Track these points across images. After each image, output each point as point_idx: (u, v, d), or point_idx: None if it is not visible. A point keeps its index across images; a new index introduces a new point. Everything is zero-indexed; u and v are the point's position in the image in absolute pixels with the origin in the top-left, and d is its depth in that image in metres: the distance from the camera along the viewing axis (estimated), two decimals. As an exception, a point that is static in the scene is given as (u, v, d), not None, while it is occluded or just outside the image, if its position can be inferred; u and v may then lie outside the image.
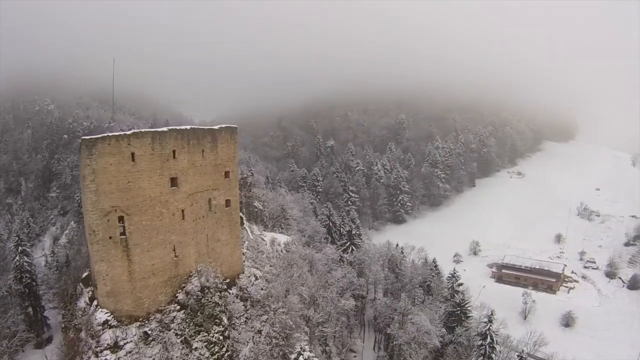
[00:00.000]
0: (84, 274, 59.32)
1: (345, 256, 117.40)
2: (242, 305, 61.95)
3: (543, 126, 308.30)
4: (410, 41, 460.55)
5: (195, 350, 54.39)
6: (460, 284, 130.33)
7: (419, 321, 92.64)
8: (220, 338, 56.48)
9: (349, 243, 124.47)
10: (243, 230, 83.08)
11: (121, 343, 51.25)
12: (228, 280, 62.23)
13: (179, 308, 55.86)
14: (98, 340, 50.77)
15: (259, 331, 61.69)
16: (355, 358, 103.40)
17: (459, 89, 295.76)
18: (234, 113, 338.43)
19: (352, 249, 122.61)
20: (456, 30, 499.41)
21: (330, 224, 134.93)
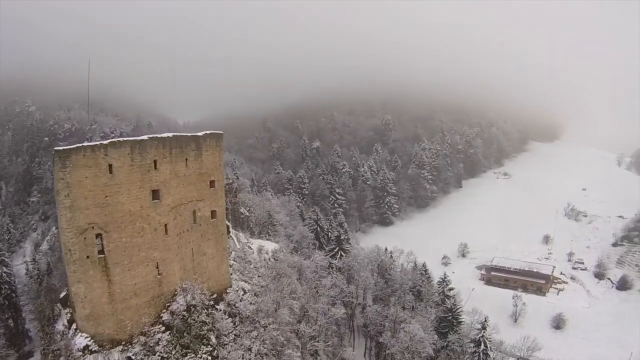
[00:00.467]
0: (62, 294, 55.24)
1: (334, 262, 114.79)
2: (231, 321, 58.62)
3: (529, 126, 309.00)
4: (395, 41, 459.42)
5: (182, 374, 50.89)
6: (450, 289, 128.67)
7: (412, 330, 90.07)
8: (209, 359, 53.06)
9: (337, 248, 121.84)
10: (229, 239, 79.81)
11: (103, 370, 47.62)
12: (215, 296, 58.79)
13: (164, 329, 52.13)
14: (79, 367, 47.07)
15: (249, 349, 58.45)
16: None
17: (445, 90, 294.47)
18: (218, 114, 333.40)
19: (341, 255, 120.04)
20: (441, 30, 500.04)
21: (318, 229, 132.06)
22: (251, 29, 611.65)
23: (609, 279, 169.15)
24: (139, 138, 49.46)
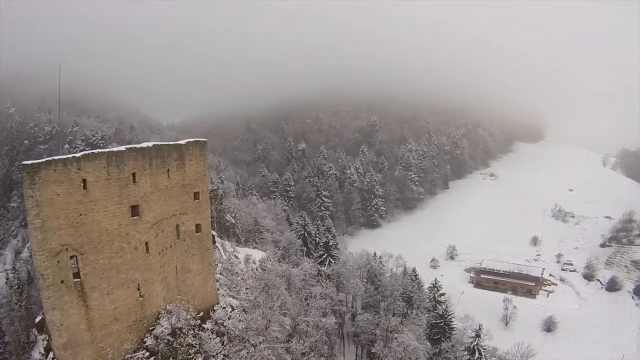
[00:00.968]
0: (38, 318, 50.86)
1: (323, 269, 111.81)
2: (219, 341, 55.00)
3: (514, 127, 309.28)
4: (379, 42, 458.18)
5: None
6: (442, 294, 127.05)
7: (405, 340, 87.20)
8: (197, 383, 49.53)
9: (326, 255, 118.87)
10: (215, 249, 76.12)
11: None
12: (202, 314, 54.99)
13: (147, 355, 47.97)
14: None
15: (239, 369, 55.00)
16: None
17: (430, 90, 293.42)
18: (202, 114, 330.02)
19: (330, 261, 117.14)
20: (426, 31, 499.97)
21: (305, 234, 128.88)
22: (235, 29, 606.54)
23: (599, 280, 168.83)
24: (115, 149, 45.46)
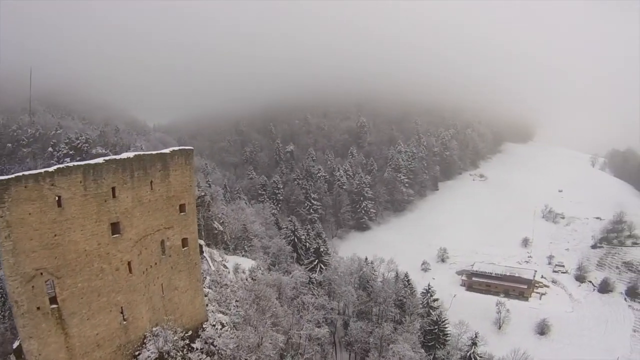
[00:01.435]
0: (16, 343, 46.91)
1: (314, 276, 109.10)
2: (209, 361, 51.93)
3: (502, 127, 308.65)
4: (367, 43, 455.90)
5: None
6: (435, 300, 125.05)
7: (401, 350, 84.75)
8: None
9: (317, 261, 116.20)
10: (203, 261, 72.89)
11: None
12: (190, 333, 51.64)
13: (134, 382, 44.86)
14: None
15: (230, 391, 51.93)
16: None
17: (419, 90, 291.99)
18: (189, 116, 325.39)
19: (321, 268, 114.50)
20: (414, 32, 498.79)
21: (295, 240, 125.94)
22: (223, 29, 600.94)
23: (590, 282, 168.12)
24: (92, 162, 41.65)
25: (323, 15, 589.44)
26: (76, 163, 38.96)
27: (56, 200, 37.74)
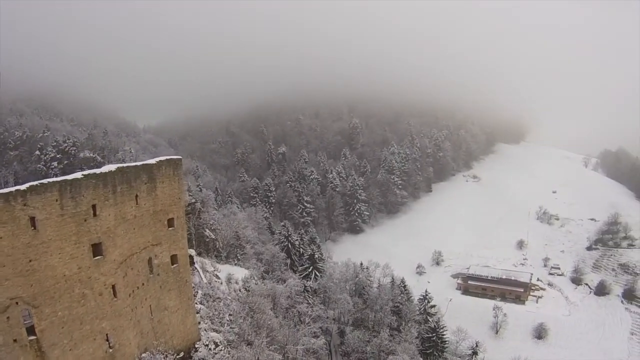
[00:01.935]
0: None
1: (308, 284, 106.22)
2: (202, 384, 48.82)
3: (495, 128, 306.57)
4: (360, 43, 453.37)
5: None
6: (432, 306, 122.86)
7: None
8: None
9: (311, 268, 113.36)
10: (194, 273, 69.73)
11: None
12: (182, 354, 48.45)
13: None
14: None
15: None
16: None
17: (412, 90, 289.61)
18: (180, 117, 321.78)
19: (316, 275, 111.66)
20: (406, 33, 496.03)
21: (289, 246, 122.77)
22: (213, 30, 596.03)
23: (587, 284, 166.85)
24: (69, 177, 37.73)
25: (314, 16, 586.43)
26: (51, 180, 35.19)
27: (30, 221, 34.20)
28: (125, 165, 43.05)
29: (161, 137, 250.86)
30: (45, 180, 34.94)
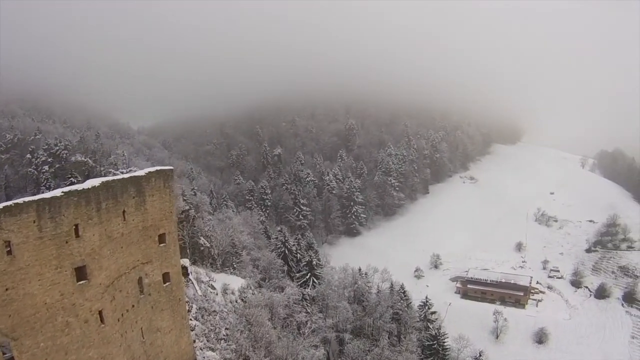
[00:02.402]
0: None
1: (306, 291, 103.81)
2: (197, 406, 46.33)
3: (491, 128, 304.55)
4: (356, 43, 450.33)
5: None
6: (432, 312, 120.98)
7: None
8: None
9: (309, 275, 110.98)
10: (189, 284, 67.15)
11: None
12: (176, 377, 46.05)
13: None
14: None
15: None
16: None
17: (408, 90, 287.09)
18: (174, 118, 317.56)
19: (313, 282, 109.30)
20: (401, 34, 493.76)
21: (286, 251, 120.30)
22: (208, 29, 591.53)
23: (587, 287, 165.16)
24: (48, 195, 34.51)
25: (311, 18, 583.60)
26: (28, 199, 32.10)
27: (5, 246, 31.18)
28: (110, 178, 40.13)
29: (155, 139, 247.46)
30: (20, 200, 31.91)
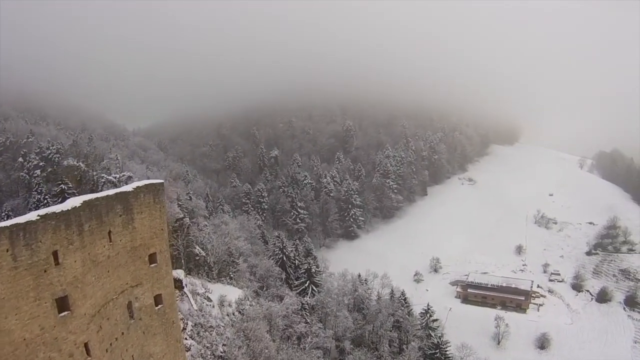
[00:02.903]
0: None
1: (305, 300, 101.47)
2: None
3: (489, 129, 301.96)
4: (353, 43, 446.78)
5: None
6: (434, 320, 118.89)
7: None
8: None
9: (308, 282, 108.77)
10: (184, 298, 64.55)
11: None
12: (170, 403, 43.51)
13: None
14: None
15: None
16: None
17: (406, 91, 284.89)
18: (170, 119, 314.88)
19: (312, 290, 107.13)
20: (400, 33, 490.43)
21: (284, 258, 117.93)
22: (205, 30, 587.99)
23: (588, 291, 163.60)
24: (23, 219, 31.00)
25: (306, 16, 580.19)
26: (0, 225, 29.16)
27: (-25, 278, 27.76)
28: (93, 196, 36.93)
29: (151, 141, 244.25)
30: (-8, 226, 28.67)
